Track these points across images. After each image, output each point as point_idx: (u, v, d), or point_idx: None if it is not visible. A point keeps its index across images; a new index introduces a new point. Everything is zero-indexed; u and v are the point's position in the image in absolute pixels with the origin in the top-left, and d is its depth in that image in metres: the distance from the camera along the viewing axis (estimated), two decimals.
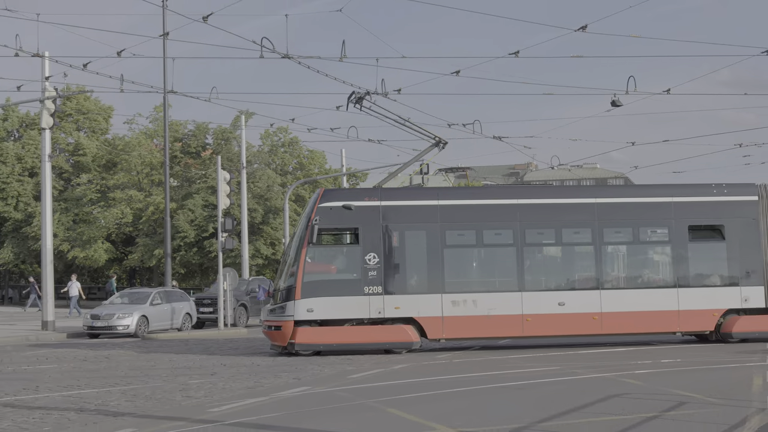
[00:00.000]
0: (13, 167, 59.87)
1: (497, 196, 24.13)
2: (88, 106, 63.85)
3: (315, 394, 14.22)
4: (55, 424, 11.65)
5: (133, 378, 16.75)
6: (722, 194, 22.05)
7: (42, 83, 31.29)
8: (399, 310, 20.90)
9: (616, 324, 21.27)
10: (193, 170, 61.13)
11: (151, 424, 11.40)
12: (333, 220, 21.13)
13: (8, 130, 64.70)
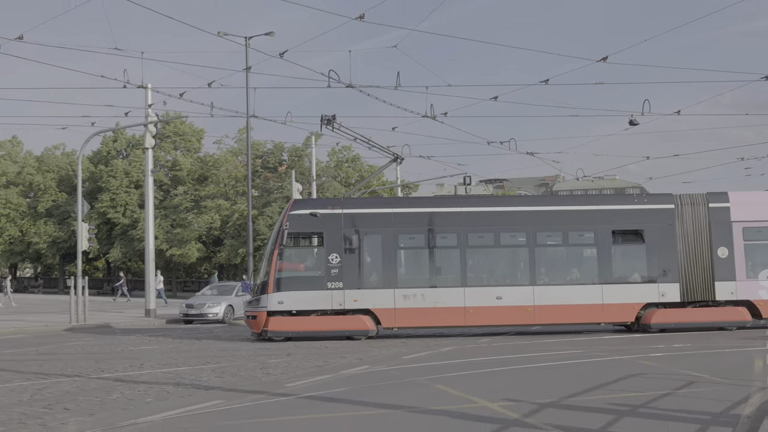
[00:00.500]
0: (121, 181, 60.91)
1: (444, 204, 23.90)
2: (184, 129, 64.61)
3: (374, 372, 14.19)
4: (156, 395, 11.74)
5: (221, 357, 16.86)
6: (642, 203, 22.10)
7: (145, 110, 31.67)
8: (357, 302, 20.96)
9: (547, 315, 21.12)
10: (271, 182, 61.61)
11: (236, 397, 11.44)
12: (301, 225, 21.24)
13: (118, 150, 65.81)
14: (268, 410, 10.46)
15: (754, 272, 21.12)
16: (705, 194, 22.02)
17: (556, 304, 20.96)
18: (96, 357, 17.38)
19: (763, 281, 21.04)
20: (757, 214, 21.45)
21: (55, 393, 12.06)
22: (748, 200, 22.13)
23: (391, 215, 21.87)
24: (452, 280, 21.52)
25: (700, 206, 21.54)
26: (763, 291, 20.95)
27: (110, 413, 10.32)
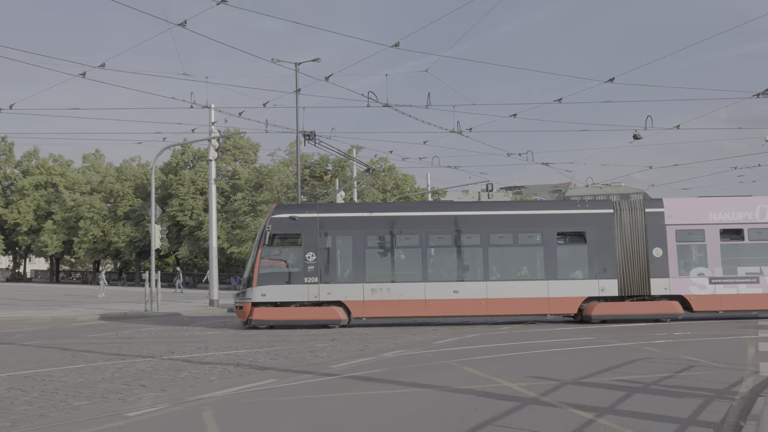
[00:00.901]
0: (188, 188, 61.63)
1: (407, 209, 23.71)
2: (242, 143, 65.18)
3: (409, 356, 14.16)
4: (219, 374, 11.82)
5: (275, 342, 16.92)
6: (585, 208, 21.88)
7: (209, 127, 31.95)
8: (330, 295, 20.95)
9: (498, 307, 20.94)
10: (317, 189, 61.87)
11: (288, 376, 11.48)
12: (282, 227, 21.28)
13: (185, 162, 66.54)
14: (315, 388, 10.49)
15: (685, 270, 20.88)
16: (642, 200, 21.96)
17: (507, 298, 20.81)
18: (167, 341, 17.55)
19: (694, 278, 20.77)
20: (688, 218, 21.24)
21: (132, 372, 12.20)
22: (681, 206, 21.98)
23: (360, 219, 21.85)
24: (414, 275, 21.34)
25: (637, 211, 21.37)
26: (694, 287, 20.70)
27: (179, 389, 10.41)
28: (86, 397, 9.84)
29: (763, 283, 20.58)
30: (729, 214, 21.08)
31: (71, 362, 13.51)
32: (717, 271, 20.72)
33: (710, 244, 20.88)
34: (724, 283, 20.63)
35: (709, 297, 20.66)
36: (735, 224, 21.01)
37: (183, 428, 7.98)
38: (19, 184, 73.07)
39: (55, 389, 10.49)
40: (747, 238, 20.92)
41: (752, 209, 21.06)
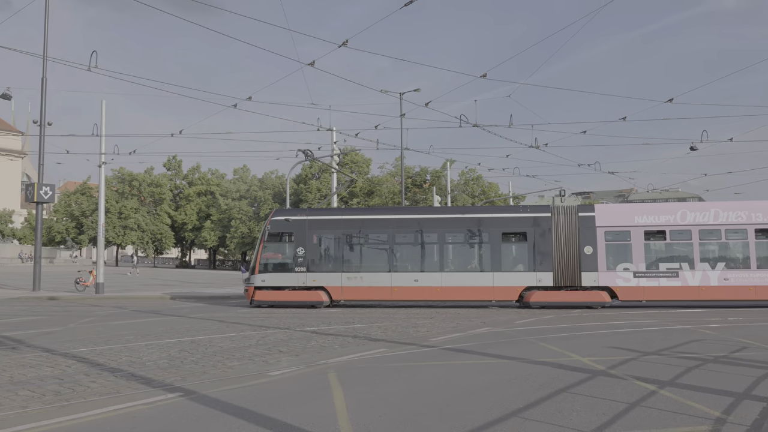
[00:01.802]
0: (315, 194, 62.74)
1: (377, 213, 23.32)
2: (357, 158, 65.92)
3: (494, 332, 13.94)
4: (340, 344, 11.96)
5: (384, 319, 16.99)
6: (527, 212, 21.32)
7: (332, 146, 32.47)
8: (315, 281, 21.29)
9: (451, 294, 20.77)
10: (418, 196, 62.01)
11: (395, 347, 11.50)
12: (279, 227, 21.69)
13: (313, 174, 67.78)
14: (417, 356, 10.47)
15: (612, 265, 20.34)
16: (576, 206, 21.34)
17: (458, 286, 20.74)
18: (298, 316, 17.91)
19: (620, 272, 20.21)
20: (617, 221, 20.60)
21: (273, 340, 12.51)
22: (611, 210, 21.52)
23: (340, 220, 21.94)
24: (382, 267, 21.31)
25: (572, 215, 20.89)
26: (620, 279, 20.19)
27: (309, 355, 10.60)
28: (237, 359, 10.16)
29: (682, 277, 19.94)
30: (653, 217, 20.47)
31: (225, 331, 13.99)
32: (640, 267, 20.20)
33: (635, 243, 20.31)
34: (647, 276, 20.12)
35: (633, 288, 20.16)
36: (658, 226, 20.36)
37: (313, 385, 8.10)
38: (186, 192, 76.49)
39: (214, 352, 10.88)
40: (668, 238, 20.32)
41: (674, 213, 20.46)
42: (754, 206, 20.26)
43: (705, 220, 20.14)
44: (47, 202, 27.20)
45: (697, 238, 20.06)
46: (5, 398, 7.43)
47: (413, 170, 63.78)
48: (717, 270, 19.86)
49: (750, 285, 19.67)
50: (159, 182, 73.64)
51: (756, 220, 19.91)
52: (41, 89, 26.93)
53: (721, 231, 20.05)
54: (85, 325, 15.44)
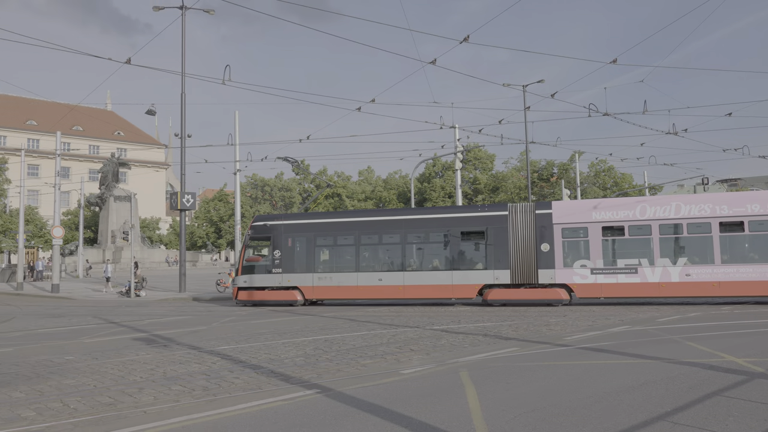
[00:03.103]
0: (439, 193, 62.83)
1: (345, 216, 23.53)
2: (480, 154, 65.35)
3: (634, 331, 13.26)
4: (471, 342, 11.87)
5: (515, 317, 16.67)
6: (485, 211, 21.25)
7: (455, 143, 32.39)
8: (290, 282, 22.27)
9: (412, 292, 21.12)
10: (545, 190, 60.43)
11: (528, 346, 11.25)
12: (258, 232, 22.93)
13: (436, 172, 68.01)
14: (552, 356, 10.17)
15: (570, 262, 19.96)
16: (534, 204, 20.95)
17: (419, 285, 21.09)
18: (428, 315, 17.97)
19: (577, 269, 19.83)
20: (573, 217, 20.18)
21: (403, 338, 12.63)
22: (567, 207, 20.77)
23: (311, 224, 22.75)
24: (349, 267, 21.94)
25: (528, 213, 20.66)
26: (577, 276, 19.80)
27: (440, 353, 10.60)
28: (370, 357, 10.34)
29: (641, 274, 19.29)
30: (611, 213, 19.88)
31: (357, 330, 14.31)
32: (598, 263, 19.73)
33: (593, 239, 19.86)
34: (605, 273, 19.62)
35: (591, 285, 19.71)
36: (616, 222, 19.75)
37: (446, 384, 8.09)
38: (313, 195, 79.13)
39: (347, 350, 11.16)
40: (627, 233, 19.64)
41: (633, 208, 19.72)
42: (718, 198, 19.45)
43: (666, 214, 19.43)
44: (189, 209, 29.11)
45: (657, 233, 19.38)
46: (160, 392, 8.02)
47: (539, 164, 62.30)
48: (678, 265, 19.14)
49: (714, 281, 18.76)
50: (289, 186, 76.72)
51: (720, 213, 18.95)
52: (181, 104, 28.87)
53: (682, 225, 19.27)
54: (226, 324, 16.37)
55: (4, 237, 50.59)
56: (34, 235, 53.23)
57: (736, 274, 18.50)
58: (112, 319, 18.78)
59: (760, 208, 18.56)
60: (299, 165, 27.62)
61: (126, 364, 10.25)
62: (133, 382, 8.68)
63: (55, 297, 29.74)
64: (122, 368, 9.82)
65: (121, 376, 9.15)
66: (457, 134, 32.29)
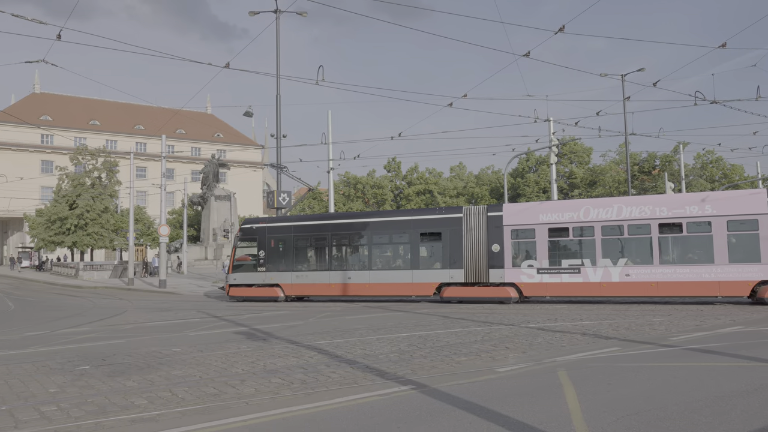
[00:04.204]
0: (533, 188, 61.51)
1: (319, 219, 25.09)
2: (576, 148, 63.55)
3: (747, 332, 12.49)
4: (568, 341, 11.57)
5: (615, 315, 16.09)
6: (442, 213, 22.10)
7: (549, 137, 31.66)
8: (273, 279, 24.13)
9: (377, 290, 22.37)
10: (646, 183, 58.00)
11: (630, 346, 10.84)
12: (246, 234, 24.90)
13: (530, 166, 66.72)
14: (656, 357, 9.75)
15: (518, 262, 20.72)
16: (486, 207, 21.61)
17: (383, 283, 22.32)
18: (522, 312, 17.65)
19: (525, 269, 20.56)
20: (522, 219, 20.86)
21: (498, 336, 12.48)
22: (516, 209, 21.41)
23: (291, 227, 24.41)
24: (323, 266, 23.53)
25: (481, 215, 21.36)
26: (524, 276, 20.55)
27: (537, 352, 10.40)
28: (464, 354, 10.28)
29: (583, 273, 19.85)
30: (557, 215, 20.42)
31: (450, 326, 14.26)
32: (544, 263, 20.37)
33: (539, 240, 20.47)
34: (550, 273, 20.27)
35: (537, 284, 20.41)
36: (561, 223, 20.30)
37: (543, 383, 7.92)
38: (405, 192, 79.48)
39: (441, 347, 11.14)
40: (571, 235, 20.18)
41: (578, 210, 20.22)
42: (658, 200, 19.77)
43: (608, 216, 19.83)
44: (285, 207, 29.91)
45: (599, 234, 19.82)
46: (261, 385, 8.29)
47: (640, 156, 59.91)
48: (619, 266, 19.53)
49: (652, 281, 19.09)
50: (381, 184, 77.35)
51: (660, 214, 19.24)
52: (276, 105, 29.68)
53: (623, 226, 19.63)
54: (322, 320, 16.73)
55: (116, 235, 53.85)
56: (143, 234, 56.33)
57: (674, 275, 18.85)
58: (214, 313, 19.61)
59: (698, 210, 18.82)
60: (285, 170, 29.87)
61: (228, 356, 10.67)
62: (236, 374, 9.03)
63: (163, 292, 31.38)
64: (225, 360, 10.23)
65: (224, 368, 9.54)
66: (551, 127, 31.55)
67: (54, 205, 53.48)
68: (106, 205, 54.20)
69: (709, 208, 18.66)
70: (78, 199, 52.79)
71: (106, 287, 36.23)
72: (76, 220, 51.76)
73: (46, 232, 52.55)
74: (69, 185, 54.18)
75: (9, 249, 77.30)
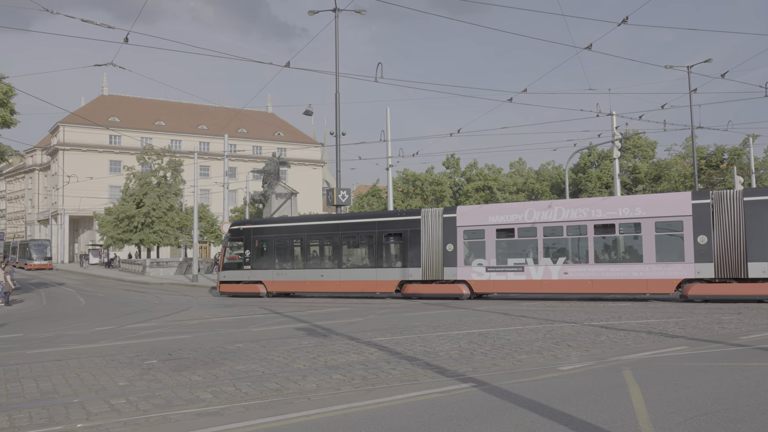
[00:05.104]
0: (595, 183, 60.33)
1: (296, 221, 27.18)
2: (640, 142, 61.90)
3: None
4: (633, 339, 11.28)
5: (681, 313, 15.56)
6: (403, 215, 23.60)
7: (612, 131, 30.92)
8: (256, 277, 25.98)
9: (346, 287, 23.96)
10: (714, 177, 55.99)
11: (698, 345, 10.50)
12: (234, 235, 26.86)
13: (592, 162, 65.38)
14: (725, 356, 9.41)
15: (470, 261, 21.85)
16: (442, 209, 22.71)
17: (352, 280, 23.86)
18: (585, 310, 17.26)
19: (475, 267, 21.71)
20: (474, 221, 21.90)
21: (560, 334, 12.28)
22: (469, 211, 22.39)
23: (271, 228, 26.27)
24: (299, 265, 25.30)
25: (438, 217, 22.54)
26: (474, 274, 21.72)
27: (600, 350, 10.19)
28: (525, 352, 10.16)
29: (527, 272, 20.95)
30: (504, 216, 21.55)
31: (511, 324, 14.12)
32: (492, 262, 21.50)
33: (488, 240, 21.56)
34: (497, 271, 21.41)
35: (486, 282, 21.56)
36: (508, 224, 21.41)
37: (607, 382, 7.76)
38: (464, 189, 78.97)
39: (501, 345, 11.04)
40: (516, 235, 21.29)
41: (522, 212, 21.37)
42: (594, 203, 20.67)
43: (549, 217, 20.82)
44: (344, 204, 30.15)
45: (541, 235, 20.87)
46: (322, 380, 8.41)
47: (707, 150, 57.80)
48: (558, 264, 20.56)
49: (587, 279, 20.11)
50: (439, 181, 77.05)
51: (595, 216, 20.21)
52: (335, 103, 29.94)
53: (563, 227, 20.62)
54: (382, 316, 16.81)
55: (181, 233, 55.45)
56: (207, 231, 57.79)
57: (607, 273, 19.83)
58: (275, 309, 19.96)
59: (629, 212, 19.68)
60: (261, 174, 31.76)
61: (290, 352, 10.85)
62: (297, 370, 9.17)
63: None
64: (287, 356, 10.41)
65: (285, 364, 9.70)
66: (614, 122, 30.79)
67: (122, 204, 55.46)
68: (171, 204, 55.88)
69: (640, 210, 19.62)
70: (144, 197, 54.58)
71: (172, 283, 37.35)
72: (143, 218, 53.54)
73: (115, 230, 54.55)
74: (136, 184, 56.09)
75: (80, 246, 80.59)
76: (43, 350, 12.16)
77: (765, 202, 18.13)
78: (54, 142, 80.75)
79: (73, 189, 65.52)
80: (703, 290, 18.59)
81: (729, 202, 18.51)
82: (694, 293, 18.64)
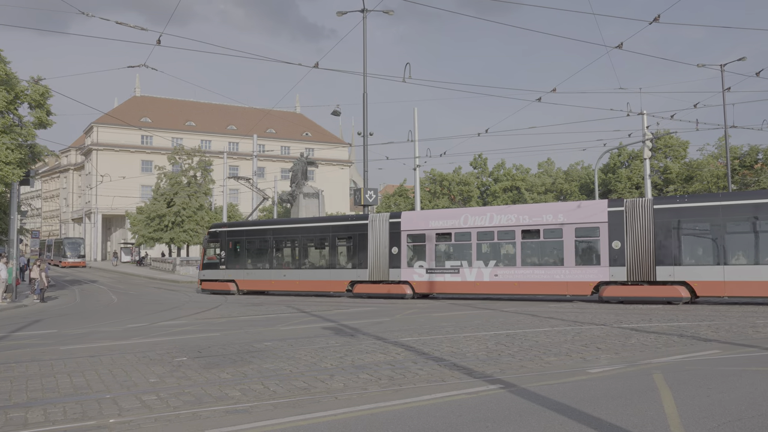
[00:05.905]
0: (625, 184, 59.55)
1: (264, 224, 28.54)
2: (672, 142, 60.85)
3: None
4: (664, 343, 11.09)
5: (714, 317, 15.26)
6: (353, 220, 25.19)
7: (643, 131, 30.58)
8: (230, 276, 27.91)
9: (305, 287, 25.65)
10: (748, 178, 54.83)
11: (731, 349, 10.30)
12: (212, 236, 28.90)
13: (622, 162, 64.55)
14: (760, 361, 9.20)
15: (412, 263, 23.20)
16: (388, 214, 24.01)
17: (309, 280, 25.54)
18: (615, 312, 17.02)
19: (417, 269, 23.05)
20: (417, 225, 23.28)
21: (589, 336, 12.14)
22: (414, 217, 23.83)
23: (242, 230, 28.18)
24: (267, 265, 26.96)
25: (384, 221, 23.95)
26: (416, 275, 23.06)
27: (630, 353, 10.05)
28: (554, 354, 10.07)
29: (462, 273, 22.15)
30: (443, 221, 22.73)
31: (539, 326, 13.99)
32: (431, 264, 22.79)
33: (428, 244, 22.81)
34: (436, 272, 22.64)
35: (426, 282, 22.81)
36: (446, 229, 22.60)
37: (637, 386, 7.64)
38: (492, 189, 78.54)
39: (530, 346, 10.95)
40: (453, 239, 22.45)
41: (459, 217, 22.49)
42: (521, 209, 21.98)
43: (482, 223, 21.93)
44: (371, 204, 30.20)
45: (475, 239, 22.02)
46: (349, 380, 8.42)
47: (741, 150, 56.61)
48: (489, 267, 21.78)
49: (515, 281, 21.30)
50: (467, 181, 76.74)
51: (522, 222, 21.30)
52: (363, 103, 29.98)
53: (494, 232, 21.78)
54: (408, 317, 16.80)
55: None
56: None
57: (533, 275, 21.00)
58: (303, 308, 20.07)
59: (552, 218, 20.85)
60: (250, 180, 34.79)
61: (317, 351, 10.89)
62: (324, 369, 9.21)
63: None
64: (314, 355, 10.45)
65: (313, 363, 9.74)
66: (645, 121, 30.43)
67: (153, 203, 56.25)
68: (201, 203, 56.52)
69: (561, 216, 20.74)
70: (175, 197, 55.29)
71: None
72: (174, 217, 54.24)
73: (146, 229, 55.35)
74: (167, 184, 56.84)
75: (112, 245, 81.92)
76: (77, 346, 12.39)
77: (673, 210, 19.25)
78: (88, 143, 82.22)
79: (106, 188, 66.64)
80: (617, 292, 19.75)
81: (640, 210, 19.59)
82: (608, 294, 19.80)
